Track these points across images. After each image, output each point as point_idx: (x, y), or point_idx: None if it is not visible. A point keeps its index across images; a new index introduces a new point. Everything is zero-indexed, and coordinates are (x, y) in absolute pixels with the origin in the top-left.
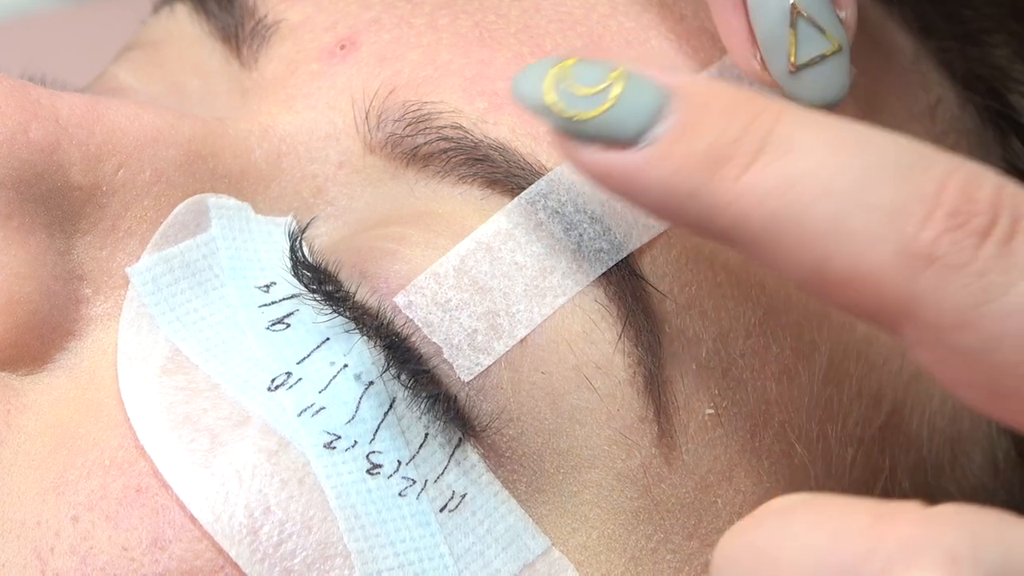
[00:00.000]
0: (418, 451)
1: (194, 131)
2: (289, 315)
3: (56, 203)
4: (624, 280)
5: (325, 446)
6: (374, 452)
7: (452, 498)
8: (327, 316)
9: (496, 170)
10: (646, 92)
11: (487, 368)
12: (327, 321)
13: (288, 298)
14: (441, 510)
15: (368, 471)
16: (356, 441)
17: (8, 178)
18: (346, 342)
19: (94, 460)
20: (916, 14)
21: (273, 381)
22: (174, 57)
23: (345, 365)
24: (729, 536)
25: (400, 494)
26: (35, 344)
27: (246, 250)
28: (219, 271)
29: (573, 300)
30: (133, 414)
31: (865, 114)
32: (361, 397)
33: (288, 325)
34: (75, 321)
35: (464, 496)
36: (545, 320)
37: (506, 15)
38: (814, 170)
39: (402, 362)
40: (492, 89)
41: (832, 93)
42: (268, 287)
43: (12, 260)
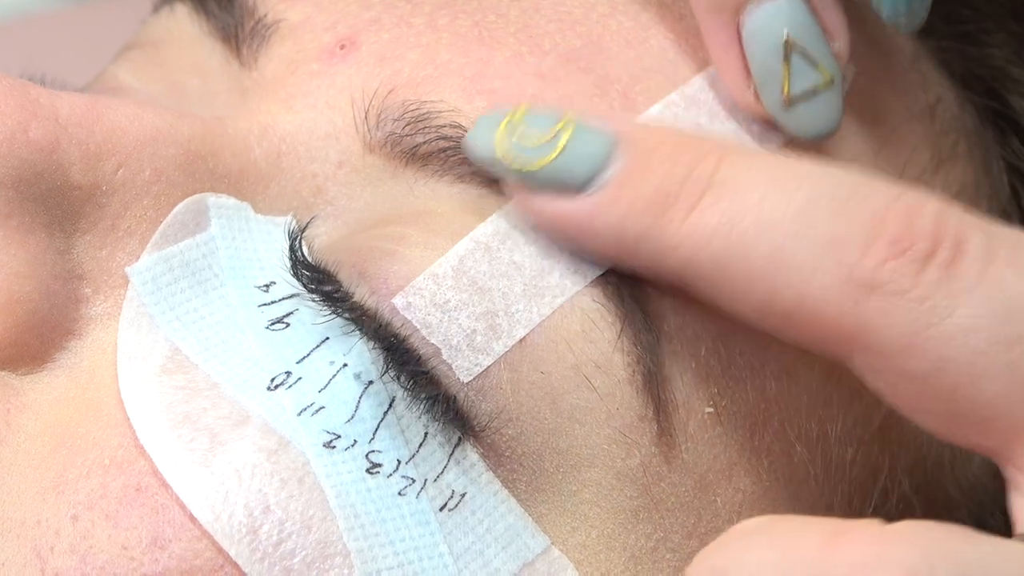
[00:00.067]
0: (418, 450)
1: (194, 130)
2: (289, 314)
3: (56, 202)
4: (622, 279)
5: (325, 445)
6: (374, 451)
7: (452, 497)
8: (326, 317)
9: None
10: (593, 139)
11: (486, 368)
12: (326, 322)
13: (287, 297)
14: (441, 509)
15: (368, 470)
16: (356, 440)
17: (8, 177)
18: (346, 342)
19: (94, 459)
20: None
21: (273, 380)
22: (174, 57)
23: (345, 364)
24: (696, 559)
25: (400, 493)
26: (35, 343)
27: (246, 249)
28: (219, 270)
29: (572, 300)
30: (133, 413)
31: (866, 114)
32: (361, 396)
33: (287, 324)
34: (75, 320)
35: (464, 495)
36: (544, 320)
37: (505, 15)
38: (755, 207)
39: (401, 364)
40: (491, 88)
41: (825, 126)
42: (268, 287)
43: (12, 259)
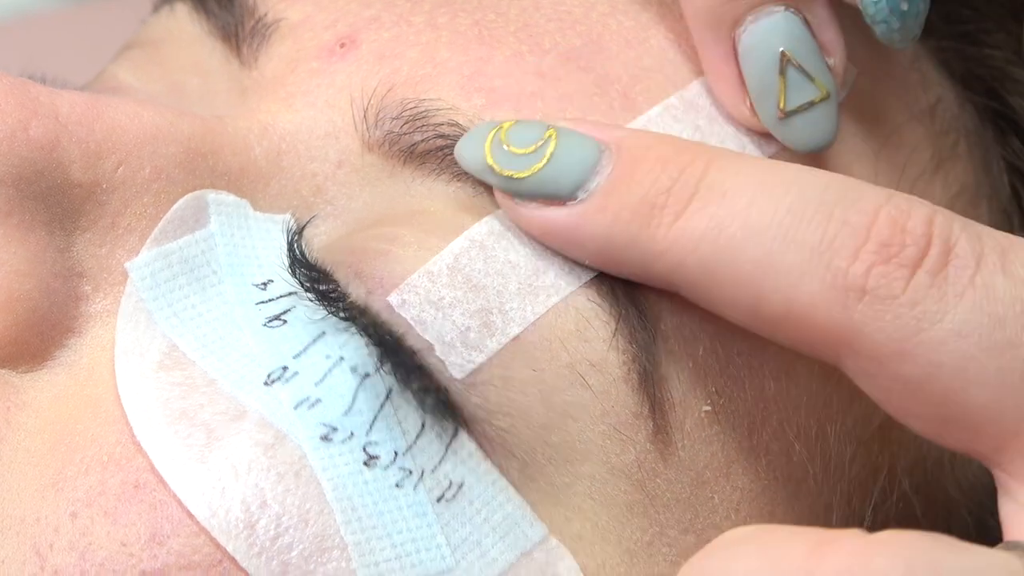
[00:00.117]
0: (415, 441)
1: (194, 129)
2: (286, 312)
3: (56, 200)
4: (617, 279)
5: (322, 438)
6: (371, 443)
7: (449, 487)
8: (322, 316)
9: None
10: (580, 148)
11: (479, 365)
12: (322, 320)
13: (285, 295)
14: (438, 500)
15: (365, 462)
16: (352, 432)
17: (8, 175)
18: (342, 337)
19: (92, 456)
20: None
21: (269, 376)
22: (174, 56)
23: (341, 358)
24: (683, 568)
25: (397, 485)
26: (34, 341)
27: (244, 247)
28: (217, 267)
29: (566, 299)
30: (130, 410)
31: (866, 114)
32: (357, 389)
33: (285, 322)
34: (74, 318)
35: (461, 485)
36: (538, 318)
37: (505, 13)
38: (743, 212)
39: (395, 361)
40: (489, 86)
41: (820, 139)
42: (265, 284)
43: (12, 257)
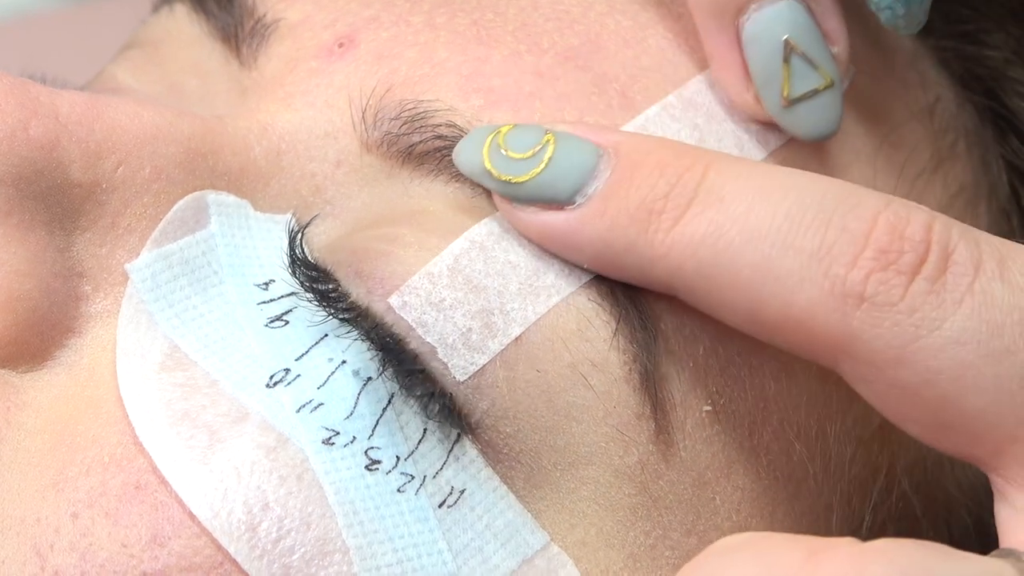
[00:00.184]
0: (417, 447)
1: (193, 129)
2: (287, 312)
3: (56, 200)
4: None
5: (324, 442)
6: (373, 448)
7: (451, 494)
8: (322, 317)
9: None
10: (578, 152)
11: (482, 367)
12: (323, 321)
13: (286, 295)
14: (440, 506)
15: (367, 467)
16: (354, 437)
17: (8, 175)
18: (344, 340)
19: (93, 457)
20: None
21: (272, 378)
22: (173, 57)
23: (343, 361)
24: (678, 574)
25: (399, 490)
26: (35, 341)
27: (245, 247)
28: (218, 268)
29: (567, 299)
30: (132, 411)
31: (865, 113)
32: (359, 393)
33: (287, 322)
34: (75, 318)
35: (463, 492)
36: (540, 318)
37: (504, 13)
38: (742, 217)
39: (398, 363)
40: (488, 86)
41: (824, 127)
42: (267, 284)
43: (12, 257)
